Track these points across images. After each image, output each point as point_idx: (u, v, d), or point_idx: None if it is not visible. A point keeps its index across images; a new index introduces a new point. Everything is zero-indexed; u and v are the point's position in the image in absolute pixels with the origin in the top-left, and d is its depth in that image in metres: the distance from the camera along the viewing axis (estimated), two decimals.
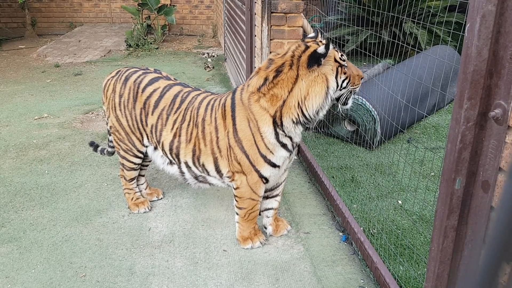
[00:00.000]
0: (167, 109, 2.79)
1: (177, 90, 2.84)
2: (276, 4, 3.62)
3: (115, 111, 2.97)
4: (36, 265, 2.64)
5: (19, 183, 3.61)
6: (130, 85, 2.91)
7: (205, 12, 10.93)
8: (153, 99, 2.83)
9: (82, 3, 10.80)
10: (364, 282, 2.50)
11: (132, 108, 2.90)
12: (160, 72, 3.03)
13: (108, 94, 3.02)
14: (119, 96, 2.94)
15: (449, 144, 1.41)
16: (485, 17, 1.22)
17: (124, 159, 3.09)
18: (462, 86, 1.32)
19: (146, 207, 3.20)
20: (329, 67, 2.38)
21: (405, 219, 3.04)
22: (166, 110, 2.79)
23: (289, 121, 2.42)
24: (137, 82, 2.90)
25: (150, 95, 2.84)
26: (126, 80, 2.93)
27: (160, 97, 2.82)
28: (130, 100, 2.90)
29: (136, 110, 2.89)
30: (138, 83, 2.89)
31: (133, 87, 2.89)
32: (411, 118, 4.52)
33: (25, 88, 6.37)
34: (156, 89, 2.85)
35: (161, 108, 2.80)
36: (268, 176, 2.59)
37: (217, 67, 7.72)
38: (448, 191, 1.43)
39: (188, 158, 2.76)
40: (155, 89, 2.85)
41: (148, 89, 2.86)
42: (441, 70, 4.78)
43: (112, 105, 2.98)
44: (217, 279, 2.53)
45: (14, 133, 4.64)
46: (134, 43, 9.05)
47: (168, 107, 2.79)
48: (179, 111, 2.76)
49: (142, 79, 2.90)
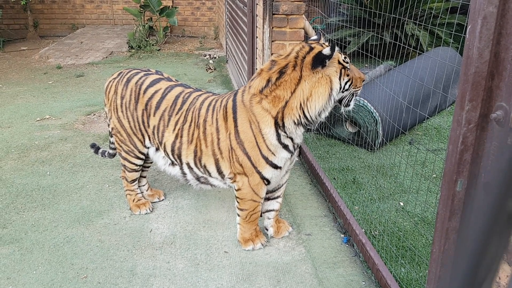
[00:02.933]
0: (169, 110, 2.79)
1: (178, 91, 2.84)
2: (278, 6, 3.62)
3: (117, 112, 2.98)
4: (38, 267, 2.64)
5: (21, 184, 3.62)
6: (132, 86, 2.91)
7: (207, 14, 10.94)
8: (154, 100, 2.83)
9: (84, 4, 10.82)
10: (366, 284, 2.50)
11: (134, 109, 2.90)
12: (162, 73, 3.04)
13: (110, 96, 3.02)
14: (120, 98, 2.95)
15: (451, 146, 1.40)
16: (486, 19, 1.22)
17: (125, 160, 3.10)
18: (463, 88, 1.32)
19: (147, 208, 3.20)
20: (333, 68, 2.38)
21: (407, 221, 3.03)
22: (168, 111, 2.79)
23: (290, 122, 2.42)
24: (139, 83, 2.90)
25: (151, 97, 2.84)
26: (128, 82, 2.94)
27: (161, 98, 2.82)
28: (131, 101, 2.90)
29: (137, 111, 2.89)
30: (140, 85, 2.89)
31: (135, 88, 2.90)
32: (413, 120, 4.51)
33: (27, 90, 6.39)
34: (157, 90, 2.85)
35: (163, 109, 2.81)
36: (269, 178, 2.59)
37: (218, 69, 7.72)
38: (450, 193, 1.43)
39: (190, 159, 2.76)
40: (157, 91, 2.85)
41: (149, 91, 2.86)
42: (442, 72, 4.78)
43: (114, 106, 2.99)
44: (218, 280, 2.53)
45: (16, 135, 4.66)
46: (136, 44, 9.06)
47: (169, 108, 2.79)
48: (181, 112, 2.76)
49: (143, 81, 2.90)
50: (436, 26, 6.23)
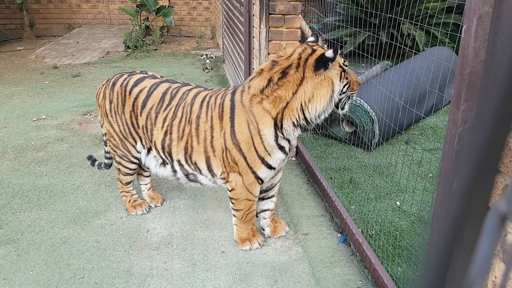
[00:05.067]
0: (156, 107, 2.74)
1: (165, 87, 2.80)
2: (274, 6, 3.62)
3: (108, 117, 2.97)
4: (34, 267, 2.63)
5: (17, 184, 3.60)
6: (118, 89, 2.88)
7: (204, 14, 10.93)
8: (140, 99, 2.79)
9: (80, 4, 10.79)
10: (362, 283, 2.50)
11: (121, 112, 2.88)
12: (146, 72, 3.00)
13: (100, 102, 3.01)
14: (109, 102, 2.93)
15: (447, 146, 1.41)
16: (481, 19, 1.23)
17: (119, 164, 3.09)
18: (459, 88, 1.32)
19: (143, 209, 3.20)
20: (335, 71, 2.40)
21: (403, 220, 3.04)
22: (155, 108, 2.75)
23: (289, 124, 2.43)
24: (124, 85, 2.87)
25: (137, 96, 2.80)
26: (114, 85, 2.91)
27: (147, 96, 2.78)
28: (119, 104, 2.88)
29: (125, 114, 2.87)
30: (125, 86, 2.86)
31: (120, 91, 2.87)
32: (409, 120, 4.52)
33: (23, 90, 6.36)
34: (142, 89, 2.81)
35: (149, 108, 2.76)
36: (263, 178, 2.60)
37: (215, 69, 7.72)
38: (446, 192, 1.43)
39: (180, 156, 2.73)
40: (142, 89, 2.81)
41: (134, 90, 2.82)
42: (439, 72, 4.79)
43: (104, 111, 2.98)
44: (215, 280, 2.53)
45: (12, 135, 4.64)
46: (133, 44, 9.04)
47: (157, 105, 2.75)
48: (169, 108, 2.71)
49: (128, 82, 2.87)
50: (432, 26, 6.25)
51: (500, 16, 1.20)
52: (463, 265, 0.39)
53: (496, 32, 1.22)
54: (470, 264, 0.38)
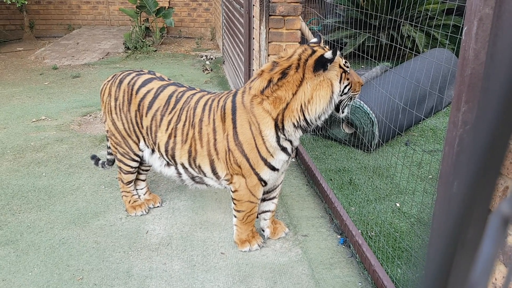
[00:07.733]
0: (162, 110, 2.76)
1: (171, 90, 2.81)
2: (274, 7, 3.62)
3: (111, 114, 2.97)
4: (33, 268, 2.63)
5: (17, 185, 3.60)
6: (124, 87, 2.89)
7: (204, 15, 10.93)
8: (147, 100, 2.81)
9: (80, 5, 10.79)
10: (362, 285, 2.50)
11: (127, 110, 2.89)
12: (154, 73, 3.02)
13: (104, 98, 3.01)
14: (114, 100, 2.93)
15: (447, 147, 1.41)
16: (482, 20, 1.23)
17: (121, 162, 3.08)
18: (459, 89, 1.32)
19: (143, 209, 3.19)
20: (334, 72, 2.40)
21: (403, 222, 3.04)
22: (161, 111, 2.76)
23: (290, 125, 2.43)
24: (131, 84, 2.88)
25: (144, 97, 2.82)
26: (120, 83, 2.92)
27: (154, 98, 2.80)
28: (125, 102, 2.89)
29: (131, 112, 2.88)
30: (132, 85, 2.87)
31: (127, 89, 2.88)
32: (409, 121, 4.52)
33: (23, 91, 6.36)
34: (150, 90, 2.83)
35: (155, 109, 2.78)
36: (267, 179, 2.59)
37: (215, 70, 7.72)
38: (446, 195, 1.43)
39: (184, 159, 2.74)
40: (149, 90, 2.83)
41: (141, 91, 2.84)
42: (439, 73, 4.79)
43: (108, 109, 2.98)
44: (215, 282, 2.52)
45: (11, 136, 4.63)
46: (133, 45, 9.04)
47: (162, 108, 2.76)
48: (174, 112, 2.73)
49: (135, 81, 2.88)
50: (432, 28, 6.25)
51: (500, 18, 1.20)
52: (465, 268, 0.39)
53: (496, 34, 1.22)
54: (472, 266, 0.38)
